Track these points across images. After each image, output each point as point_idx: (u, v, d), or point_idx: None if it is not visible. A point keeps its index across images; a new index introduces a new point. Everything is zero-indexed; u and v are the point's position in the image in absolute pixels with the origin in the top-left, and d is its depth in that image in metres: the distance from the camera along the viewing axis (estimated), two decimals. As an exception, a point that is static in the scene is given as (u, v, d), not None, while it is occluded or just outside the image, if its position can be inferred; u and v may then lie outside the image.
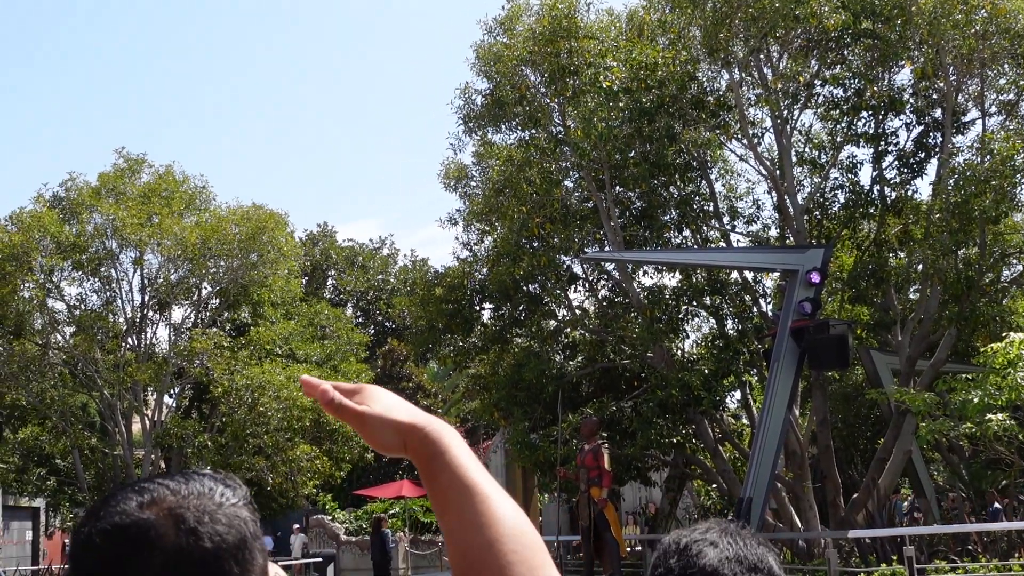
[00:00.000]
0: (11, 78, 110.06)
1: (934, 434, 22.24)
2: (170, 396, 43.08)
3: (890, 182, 29.49)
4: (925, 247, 26.42)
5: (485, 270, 32.89)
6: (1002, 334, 22.08)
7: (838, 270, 30.83)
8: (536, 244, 30.80)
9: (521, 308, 32.70)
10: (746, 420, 34.97)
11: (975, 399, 19.78)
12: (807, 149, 30.36)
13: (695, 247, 31.11)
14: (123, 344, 40.30)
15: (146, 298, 40.75)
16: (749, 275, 30.68)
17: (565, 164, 30.72)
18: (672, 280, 31.96)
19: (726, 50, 27.89)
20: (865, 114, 28.77)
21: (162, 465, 43.38)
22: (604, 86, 27.79)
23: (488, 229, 33.58)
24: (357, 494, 47.40)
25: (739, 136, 29.88)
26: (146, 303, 40.78)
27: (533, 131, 31.44)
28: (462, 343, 34.04)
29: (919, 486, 30.87)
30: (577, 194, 31.77)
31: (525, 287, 32.12)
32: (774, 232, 31.72)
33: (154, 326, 41.73)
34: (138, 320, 40.61)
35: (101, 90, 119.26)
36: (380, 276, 65.79)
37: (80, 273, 40.36)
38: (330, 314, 47.29)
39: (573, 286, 33.57)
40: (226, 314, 43.88)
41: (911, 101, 29.30)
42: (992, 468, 30.56)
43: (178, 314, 42.21)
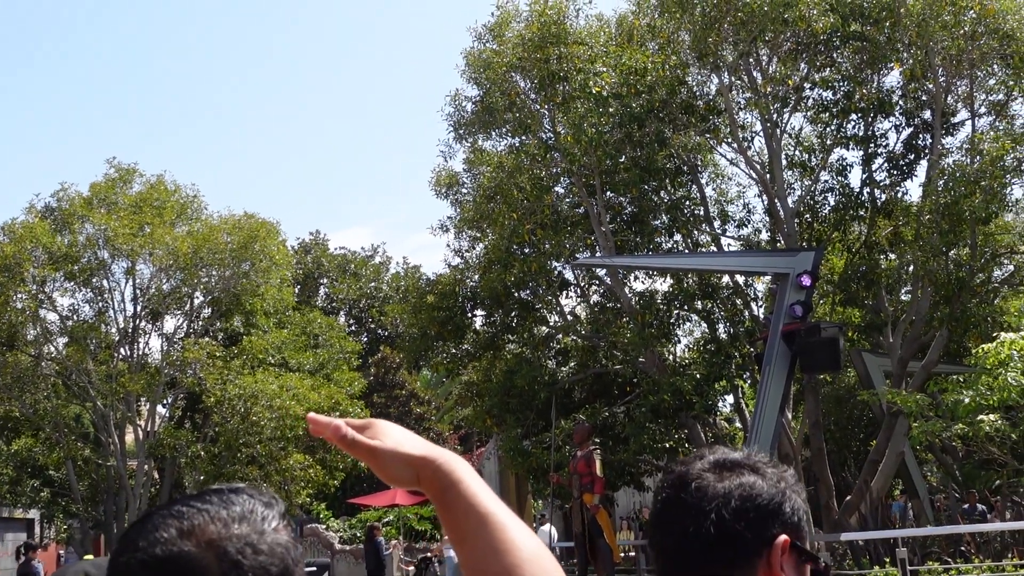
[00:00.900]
0: (1, 87, 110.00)
1: (926, 435, 22.25)
2: (163, 406, 42.99)
3: (880, 184, 29.55)
4: (915, 248, 26.45)
5: (477, 277, 32.87)
6: (993, 334, 22.09)
7: (829, 273, 30.87)
8: (527, 250, 30.79)
9: (513, 315, 32.69)
10: (739, 424, 34.96)
11: (967, 400, 19.79)
12: (797, 152, 30.41)
13: (686, 251, 31.12)
14: (116, 354, 40.26)
15: (138, 308, 40.72)
16: (740, 279, 30.71)
17: (555, 170, 30.72)
18: (663, 285, 32.00)
19: (715, 54, 27.94)
20: (855, 116, 28.84)
21: (155, 476, 43.32)
22: (594, 92, 27.80)
23: (479, 236, 33.55)
24: (351, 503, 47.27)
25: (729, 140, 29.91)
26: (138, 313, 40.74)
27: (523, 137, 31.44)
28: (454, 350, 34.01)
29: (912, 487, 30.88)
30: (568, 200, 31.77)
31: (517, 293, 32.09)
32: (765, 235, 31.74)
33: (146, 336, 41.72)
34: (130, 330, 40.56)
35: (92, 99, 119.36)
36: (372, 284, 65.74)
37: (72, 284, 40.31)
38: (323, 322, 47.20)
39: (565, 292, 33.57)
40: (218, 323, 43.81)
41: (900, 103, 29.37)
42: (985, 468, 30.60)
43: (170, 324, 42.25)
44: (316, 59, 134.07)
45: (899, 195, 29.72)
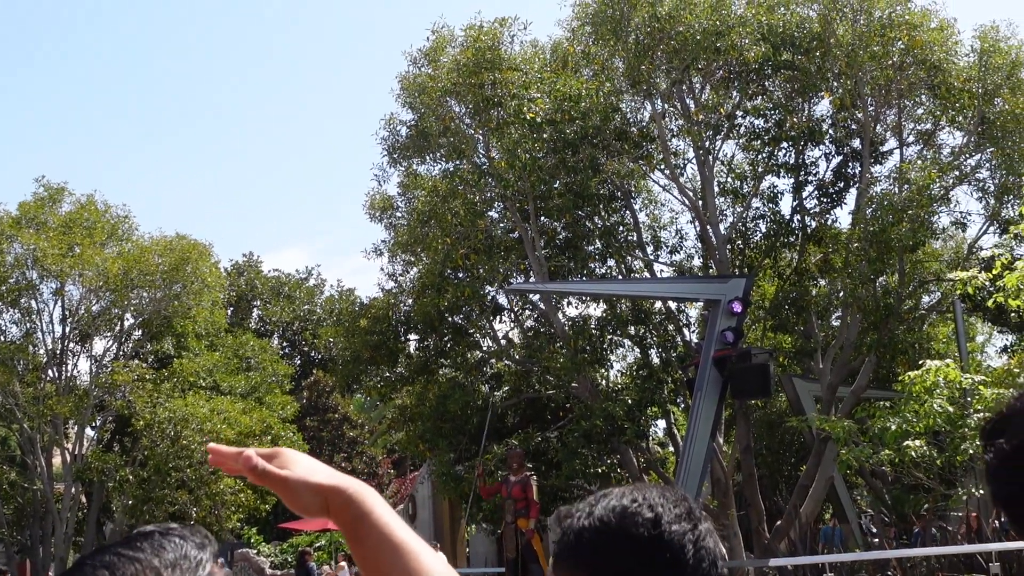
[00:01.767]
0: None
1: (855, 460, 22.46)
2: (91, 429, 42.37)
3: (810, 211, 29.89)
4: (844, 276, 26.78)
5: (410, 301, 32.78)
6: (919, 362, 22.37)
7: (760, 299, 31.13)
8: (461, 275, 30.78)
9: (446, 339, 32.63)
10: (672, 449, 35.11)
11: (893, 426, 20.00)
12: (729, 179, 30.68)
13: (619, 277, 31.25)
14: (43, 376, 39.65)
15: (67, 329, 40.15)
16: (673, 305, 30.86)
17: (489, 195, 30.76)
18: (597, 310, 32.09)
19: (649, 82, 28.16)
20: (786, 144, 29.18)
21: (83, 500, 42.68)
22: (528, 117, 27.88)
23: (413, 260, 33.46)
24: (282, 527, 46.85)
25: (662, 167, 30.12)
26: (67, 334, 40.18)
27: (458, 162, 31.44)
28: (388, 374, 33.88)
29: (842, 511, 31.15)
30: (502, 225, 31.81)
31: (450, 318, 32.04)
32: (697, 262, 31.96)
33: (75, 358, 41.12)
34: (59, 352, 39.99)
35: (20, 117, 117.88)
36: (307, 307, 65.25)
37: None
38: (255, 345, 46.80)
39: (498, 317, 33.58)
40: (149, 346, 43.32)
41: (830, 131, 29.76)
42: (914, 492, 30.93)
43: (100, 346, 41.62)
44: (250, 80, 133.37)
45: (829, 223, 30.09)
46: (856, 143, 29.78)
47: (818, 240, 29.69)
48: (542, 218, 30.69)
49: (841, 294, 28.70)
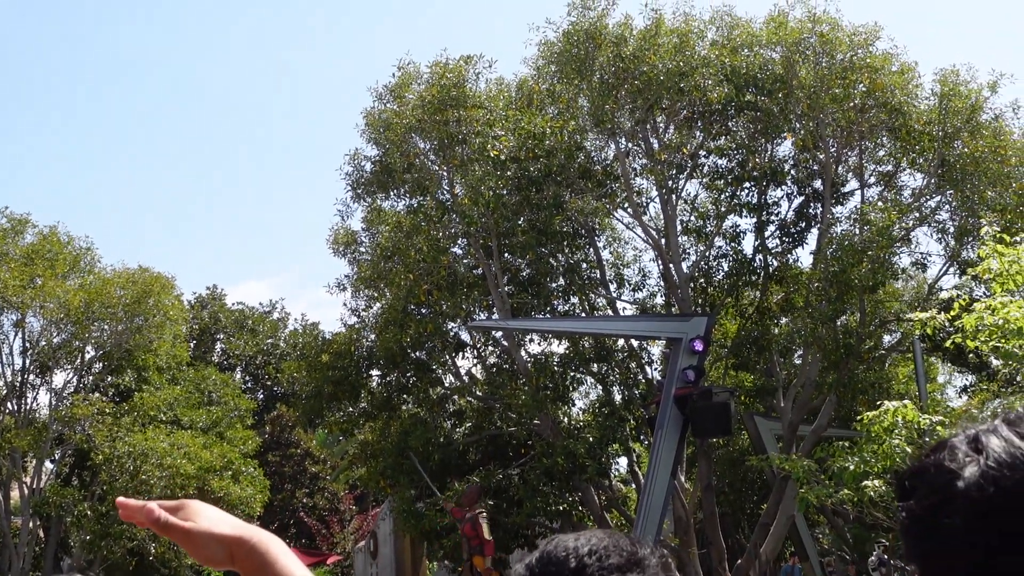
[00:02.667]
0: None
1: (815, 499, 22.52)
2: (50, 463, 42.00)
3: (772, 251, 30.08)
4: (805, 315, 26.93)
5: (373, 336, 32.71)
6: (877, 402, 22.47)
7: (722, 337, 31.25)
8: (424, 311, 30.78)
9: (409, 375, 32.57)
10: (634, 486, 35.08)
11: (851, 466, 20.06)
12: (692, 218, 30.85)
13: (582, 314, 31.32)
14: (3, 409, 39.28)
15: (27, 362, 39.84)
16: (635, 342, 30.93)
17: (453, 231, 30.81)
18: (559, 347, 32.10)
19: (613, 120, 28.32)
20: (748, 184, 29.39)
21: (40, 535, 42.20)
22: (492, 155, 27.97)
23: (376, 295, 33.42)
24: (243, 563, 46.55)
25: (625, 205, 30.26)
26: (27, 367, 39.85)
27: (421, 198, 31.47)
28: (351, 409, 33.78)
29: (803, 550, 31.19)
30: (465, 261, 31.83)
31: (413, 354, 31.99)
32: (660, 300, 32.06)
33: (35, 391, 40.79)
34: (18, 384, 39.66)
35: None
36: (270, 340, 64.97)
37: (-41, 336, 39.35)
38: (217, 379, 46.54)
39: (461, 353, 33.55)
40: (109, 379, 42.97)
41: (792, 172, 30.01)
42: (874, 531, 31.02)
43: (60, 378, 41.26)
44: (216, 113, 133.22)
45: (790, 262, 30.28)
46: (818, 184, 30.02)
47: (780, 279, 29.88)
48: (505, 255, 30.76)
49: (802, 333, 28.85)
